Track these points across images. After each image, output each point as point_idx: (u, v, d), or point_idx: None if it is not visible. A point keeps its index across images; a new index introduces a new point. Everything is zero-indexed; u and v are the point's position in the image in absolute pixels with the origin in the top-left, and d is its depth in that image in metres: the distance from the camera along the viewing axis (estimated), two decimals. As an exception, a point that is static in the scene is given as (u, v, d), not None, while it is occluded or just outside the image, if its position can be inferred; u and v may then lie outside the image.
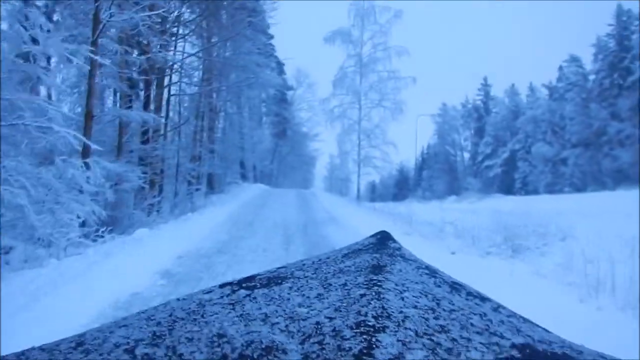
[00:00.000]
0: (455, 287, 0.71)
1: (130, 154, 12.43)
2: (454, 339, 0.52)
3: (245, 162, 27.01)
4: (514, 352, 0.52)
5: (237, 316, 0.60)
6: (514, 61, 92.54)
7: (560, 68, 46.84)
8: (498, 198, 28.88)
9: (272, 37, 34.11)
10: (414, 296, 0.62)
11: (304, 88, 38.61)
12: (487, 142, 50.31)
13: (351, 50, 21.27)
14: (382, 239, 0.91)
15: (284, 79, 37.75)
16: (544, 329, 0.63)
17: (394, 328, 0.53)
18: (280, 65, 35.64)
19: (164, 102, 14.70)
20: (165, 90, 15.17)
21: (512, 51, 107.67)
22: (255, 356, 0.51)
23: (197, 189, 17.93)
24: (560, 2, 74.64)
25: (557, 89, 45.51)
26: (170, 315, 0.63)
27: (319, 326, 0.55)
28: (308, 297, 0.64)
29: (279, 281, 0.72)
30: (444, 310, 0.60)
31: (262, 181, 32.87)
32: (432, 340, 0.51)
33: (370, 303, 0.59)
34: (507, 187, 44.84)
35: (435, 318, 0.57)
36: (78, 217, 8.20)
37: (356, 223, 11.03)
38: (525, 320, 0.64)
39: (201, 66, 16.30)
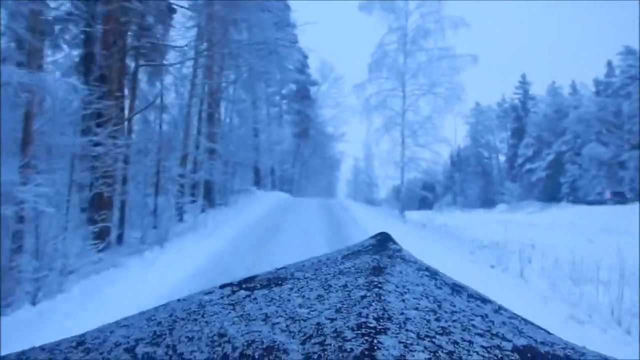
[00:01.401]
0: (457, 288, 0.68)
1: (62, 152, 7.37)
2: (455, 342, 0.50)
3: (261, 165, 21.82)
4: (516, 355, 0.50)
5: (237, 316, 0.58)
6: (548, 59, 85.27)
7: (609, 63, 41.03)
8: (565, 208, 23.00)
9: (294, 26, 29.18)
10: (414, 298, 0.60)
11: (328, 83, 33.29)
12: (527, 144, 44.17)
13: (393, 22, 15.85)
14: (382, 240, 0.86)
15: (307, 73, 32.67)
16: (545, 330, 0.60)
17: (396, 330, 0.51)
18: (304, 57, 30.52)
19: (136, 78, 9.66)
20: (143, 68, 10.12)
21: (547, 49, 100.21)
22: (256, 356, 0.49)
23: (193, 202, 12.86)
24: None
25: (609, 84, 39.31)
26: (171, 316, 0.61)
27: (320, 327, 0.53)
28: (308, 298, 0.62)
29: (279, 282, 0.69)
30: (445, 312, 0.57)
31: (281, 187, 27.71)
32: (434, 342, 0.50)
33: (371, 304, 0.57)
34: (551, 192, 38.97)
35: (437, 320, 0.55)
36: None
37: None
38: (527, 322, 0.61)
39: (193, 25, 11.18)
